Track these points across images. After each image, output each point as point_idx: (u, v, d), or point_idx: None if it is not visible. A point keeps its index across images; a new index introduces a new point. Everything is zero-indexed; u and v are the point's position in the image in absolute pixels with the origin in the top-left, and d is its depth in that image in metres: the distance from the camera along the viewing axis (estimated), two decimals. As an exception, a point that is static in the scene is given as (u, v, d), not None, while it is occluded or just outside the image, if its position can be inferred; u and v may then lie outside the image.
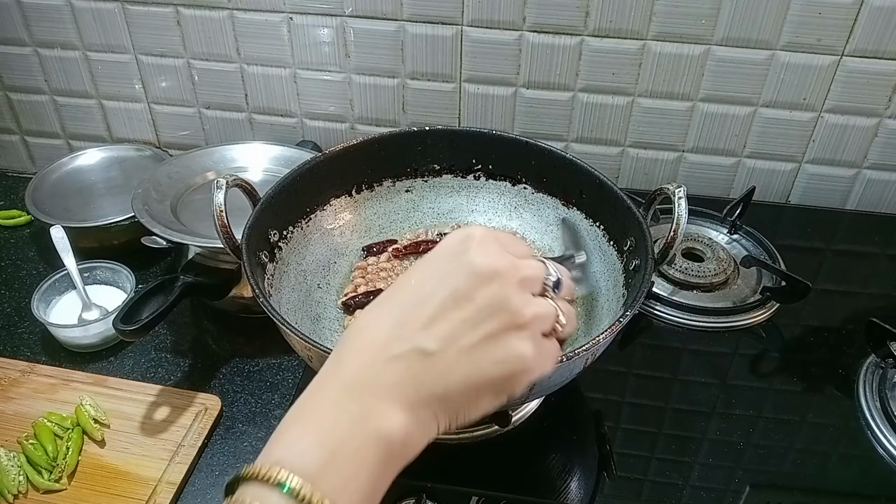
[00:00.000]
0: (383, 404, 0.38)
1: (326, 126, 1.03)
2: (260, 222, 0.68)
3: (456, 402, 0.40)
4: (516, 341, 0.41)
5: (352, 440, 0.37)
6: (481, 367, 0.40)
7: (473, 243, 0.42)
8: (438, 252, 0.43)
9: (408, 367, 0.39)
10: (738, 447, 0.69)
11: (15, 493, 0.66)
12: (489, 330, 0.40)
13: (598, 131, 0.98)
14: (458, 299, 0.40)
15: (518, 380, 0.41)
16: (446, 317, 0.40)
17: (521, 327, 0.41)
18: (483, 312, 0.40)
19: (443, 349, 0.39)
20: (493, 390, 0.41)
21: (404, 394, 0.39)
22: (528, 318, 0.41)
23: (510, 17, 0.89)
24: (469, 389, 0.40)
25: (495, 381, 0.40)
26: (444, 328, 0.40)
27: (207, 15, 0.94)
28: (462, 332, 0.40)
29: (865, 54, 0.87)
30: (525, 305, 0.41)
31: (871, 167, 0.96)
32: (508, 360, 0.40)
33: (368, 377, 0.39)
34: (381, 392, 0.38)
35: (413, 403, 0.39)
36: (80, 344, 0.80)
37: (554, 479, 0.66)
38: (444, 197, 0.82)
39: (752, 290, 0.85)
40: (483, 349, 0.40)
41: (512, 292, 0.41)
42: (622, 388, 0.76)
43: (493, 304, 0.40)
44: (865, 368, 0.75)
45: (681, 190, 0.63)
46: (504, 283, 0.41)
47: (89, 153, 1.02)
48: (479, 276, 0.40)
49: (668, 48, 0.89)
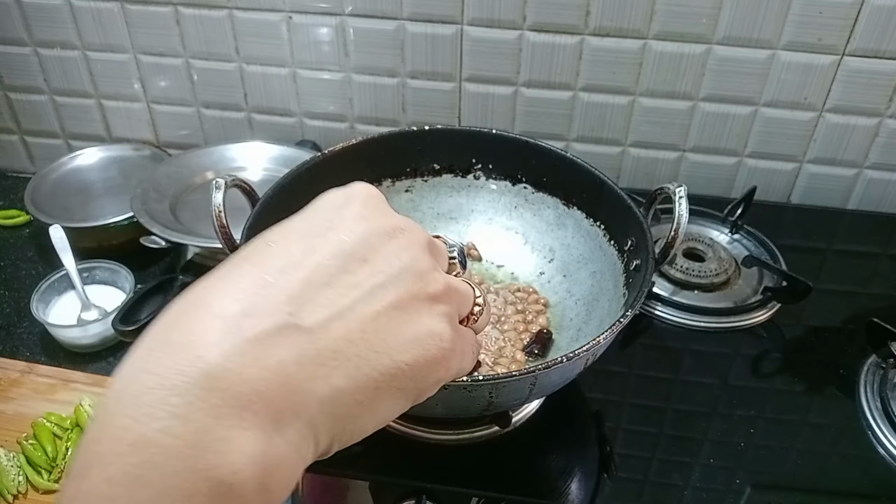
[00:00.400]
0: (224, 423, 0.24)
1: (326, 125, 1.03)
2: (259, 222, 0.68)
3: (343, 404, 0.27)
4: (429, 317, 0.30)
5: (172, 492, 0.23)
6: (382, 349, 0.28)
7: (359, 197, 0.32)
8: (312, 207, 0.32)
9: (271, 354, 0.25)
10: (738, 447, 0.69)
11: (14, 493, 0.66)
12: (392, 298, 0.29)
13: (599, 131, 0.97)
14: (347, 260, 0.29)
15: (433, 371, 0.30)
16: (330, 283, 0.28)
17: (434, 299, 0.30)
18: (383, 275, 0.29)
19: (323, 324, 0.27)
20: (397, 385, 0.28)
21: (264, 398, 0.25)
22: (441, 288, 0.31)
23: (510, 16, 0.89)
24: (363, 384, 0.27)
25: (402, 370, 0.28)
26: (327, 296, 0.27)
27: (207, 14, 0.94)
28: (353, 302, 0.28)
29: (866, 54, 0.87)
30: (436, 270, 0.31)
31: (873, 167, 0.96)
32: (420, 339, 0.29)
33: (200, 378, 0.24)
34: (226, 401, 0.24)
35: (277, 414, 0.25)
36: (80, 344, 0.80)
37: (554, 480, 0.66)
38: (444, 197, 0.82)
39: (753, 290, 0.85)
40: (384, 324, 0.28)
41: (420, 252, 0.31)
42: (623, 388, 0.76)
43: (396, 264, 0.29)
44: (866, 369, 0.75)
45: (682, 189, 0.63)
46: (409, 239, 0.31)
47: (88, 153, 1.02)
48: (375, 231, 0.30)
49: (669, 47, 0.89)
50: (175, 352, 0.25)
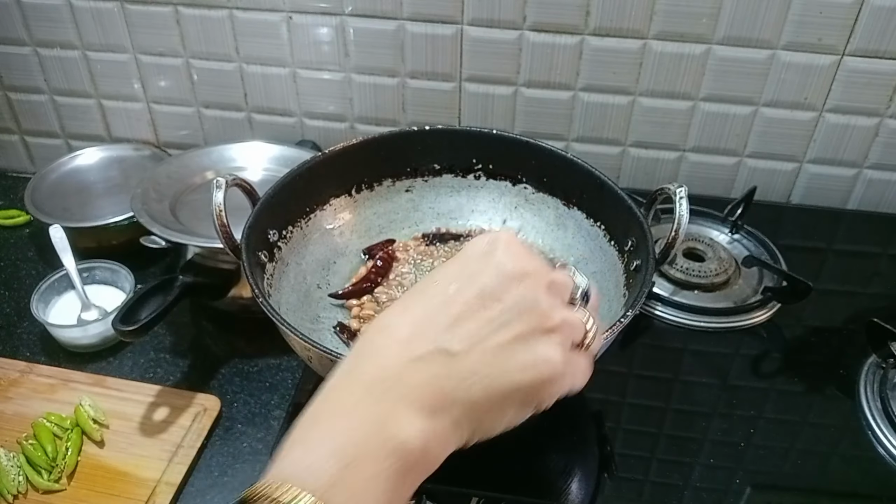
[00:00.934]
0: (402, 409, 0.36)
1: (326, 125, 1.03)
2: (259, 222, 0.68)
3: (480, 409, 0.38)
4: (545, 346, 0.39)
5: (367, 451, 0.35)
6: (507, 370, 0.38)
7: (501, 245, 0.41)
8: (465, 253, 0.42)
9: (430, 368, 0.37)
10: (739, 448, 0.69)
11: (14, 493, 0.65)
12: (517, 331, 0.38)
13: (599, 131, 0.97)
14: (485, 299, 0.39)
15: (547, 388, 0.40)
16: (472, 316, 0.38)
17: (549, 331, 0.39)
18: (511, 313, 0.38)
19: (467, 350, 0.37)
20: (519, 398, 0.39)
21: (425, 397, 0.37)
22: (556, 322, 0.39)
23: (510, 15, 0.89)
24: (494, 395, 0.38)
25: (522, 387, 0.39)
26: (470, 328, 0.38)
27: (207, 14, 0.94)
28: (488, 333, 0.38)
29: (866, 54, 0.87)
30: (554, 309, 0.40)
31: (873, 167, 0.96)
32: (536, 364, 0.38)
33: (387, 378, 0.37)
34: (401, 395, 0.36)
35: (434, 409, 0.37)
36: (80, 344, 0.80)
37: (554, 480, 0.66)
38: (444, 197, 0.82)
39: (753, 290, 0.85)
40: (510, 352, 0.38)
41: (541, 294, 0.40)
42: (623, 388, 0.76)
43: (521, 304, 0.39)
44: (866, 369, 0.75)
45: (682, 190, 0.63)
46: (533, 284, 0.40)
47: (88, 153, 1.02)
48: (508, 276, 0.39)
49: (669, 47, 0.89)
50: (368, 361, 0.38)
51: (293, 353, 0.64)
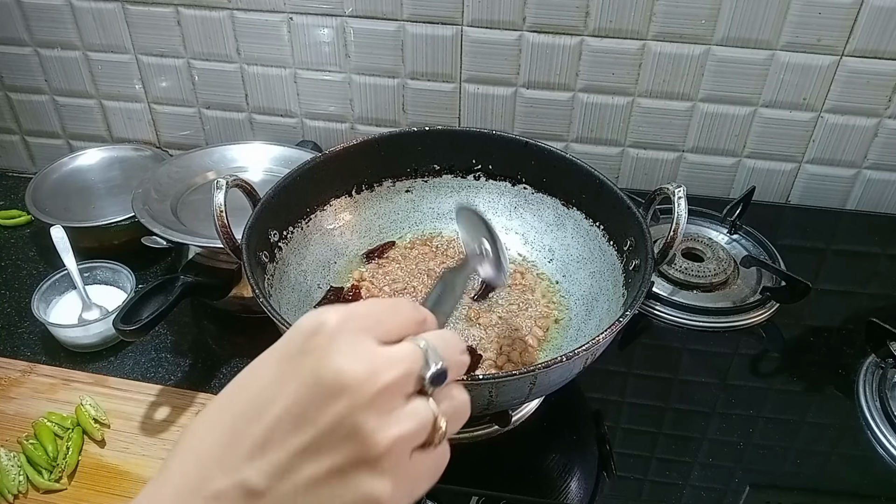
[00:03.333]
0: None
1: (326, 126, 1.03)
2: (260, 222, 0.68)
3: None
4: (368, 480, 0.31)
5: None
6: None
7: (323, 337, 0.32)
8: (284, 345, 0.34)
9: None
10: (737, 447, 0.69)
11: (15, 493, 0.66)
12: (333, 464, 0.31)
13: (598, 131, 0.98)
14: (298, 418, 0.31)
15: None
16: (281, 442, 0.31)
17: (374, 461, 0.31)
18: (326, 440, 0.31)
19: (274, 486, 0.31)
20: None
21: None
22: (382, 449, 0.31)
23: (510, 17, 0.89)
24: None
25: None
26: (277, 457, 0.31)
27: (207, 15, 0.94)
28: (299, 465, 0.31)
29: (865, 54, 0.87)
30: (380, 430, 0.31)
31: (871, 167, 0.96)
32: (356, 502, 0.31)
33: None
34: None
35: None
36: (81, 344, 0.80)
37: (554, 479, 0.66)
38: (444, 197, 0.82)
39: (751, 290, 0.85)
40: (326, 489, 0.31)
41: (363, 414, 0.31)
42: (622, 388, 0.76)
43: (338, 429, 0.31)
44: (865, 368, 0.75)
45: (681, 190, 0.63)
46: (354, 399, 0.31)
47: (89, 153, 1.02)
48: (325, 387, 0.31)
49: (668, 48, 0.89)
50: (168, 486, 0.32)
51: (294, 353, 0.64)
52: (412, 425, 0.32)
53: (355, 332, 0.32)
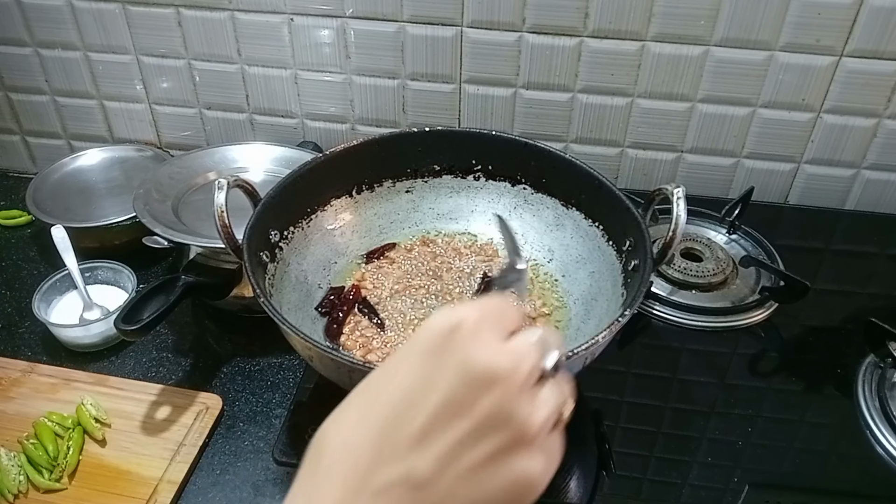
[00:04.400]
0: None
1: (327, 127, 1.03)
2: (261, 223, 0.68)
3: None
4: (525, 461, 0.33)
5: None
6: (485, 494, 0.33)
7: (465, 334, 0.34)
8: (423, 343, 0.35)
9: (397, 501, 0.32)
10: (736, 446, 0.69)
11: (15, 492, 0.66)
12: (492, 448, 0.33)
13: (598, 132, 0.98)
14: (454, 409, 0.33)
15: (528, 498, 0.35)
16: (442, 432, 0.32)
17: (529, 443, 0.34)
18: (484, 427, 0.33)
19: (438, 475, 0.32)
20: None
21: None
22: (536, 431, 0.34)
23: (510, 18, 0.89)
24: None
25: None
26: (439, 447, 0.32)
27: (208, 16, 0.95)
28: (460, 453, 0.32)
29: (864, 55, 0.87)
30: (532, 414, 0.34)
31: (870, 167, 0.96)
32: (517, 483, 0.33)
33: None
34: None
35: None
36: (82, 343, 0.80)
37: (553, 479, 0.66)
38: (444, 197, 0.82)
39: (750, 289, 0.86)
40: (486, 473, 0.33)
41: (516, 400, 0.33)
42: (621, 387, 0.76)
43: (495, 416, 0.33)
44: (864, 368, 0.76)
45: (680, 190, 0.64)
46: (506, 388, 0.33)
47: (90, 153, 1.02)
48: (477, 380, 0.33)
49: (668, 49, 0.89)
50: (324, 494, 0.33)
51: (294, 352, 0.64)
52: (552, 407, 0.35)
53: (491, 329, 0.34)
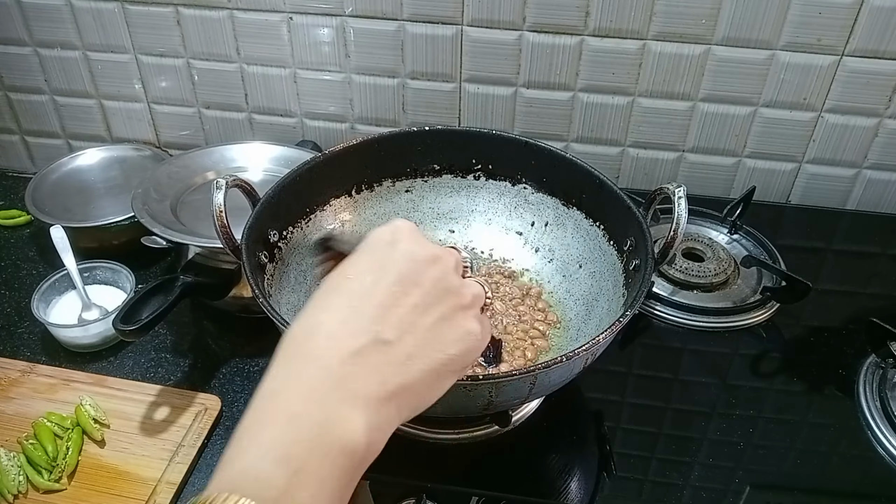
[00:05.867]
0: (347, 408, 0.36)
1: (326, 126, 1.03)
2: (259, 222, 0.68)
3: (419, 388, 0.40)
4: (465, 319, 0.42)
5: (315, 455, 0.34)
6: (441, 348, 0.40)
7: (404, 233, 0.43)
8: (370, 245, 0.43)
9: (368, 360, 0.38)
10: (738, 447, 0.69)
11: (15, 493, 0.66)
12: (441, 312, 0.41)
13: (598, 131, 0.98)
14: (406, 285, 0.40)
15: (471, 356, 0.43)
16: (398, 303, 0.40)
17: (466, 307, 0.43)
18: (432, 295, 0.41)
19: (400, 336, 0.39)
20: (451, 370, 0.41)
21: (369, 391, 0.37)
22: (470, 298, 0.43)
23: (510, 16, 0.89)
24: (431, 373, 0.40)
25: (454, 359, 0.41)
26: (398, 314, 0.39)
27: (207, 15, 0.94)
28: (416, 317, 0.40)
29: (866, 54, 0.87)
30: (464, 286, 0.43)
31: (872, 167, 0.96)
32: (463, 337, 0.42)
33: (328, 378, 0.37)
34: (345, 394, 0.36)
35: (378, 400, 0.37)
36: (80, 344, 0.80)
37: (554, 479, 0.66)
38: (444, 197, 0.82)
39: (752, 290, 0.85)
40: (439, 330, 0.41)
41: (452, 276, 0.43)
42: (622, 388, 0.76)
43: (439, 286, 0.41)
44: (866, 368, 0.75)
45: (681, 190, 0.63)
46: (444, 266, 0.42)
47: (89, 153, 1.02)
48: (421, 261, 0.42)
49: (669, 48, 0.89)
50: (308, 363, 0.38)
51: (293, 353, 0.64)
52: (479, 289, 0.45)
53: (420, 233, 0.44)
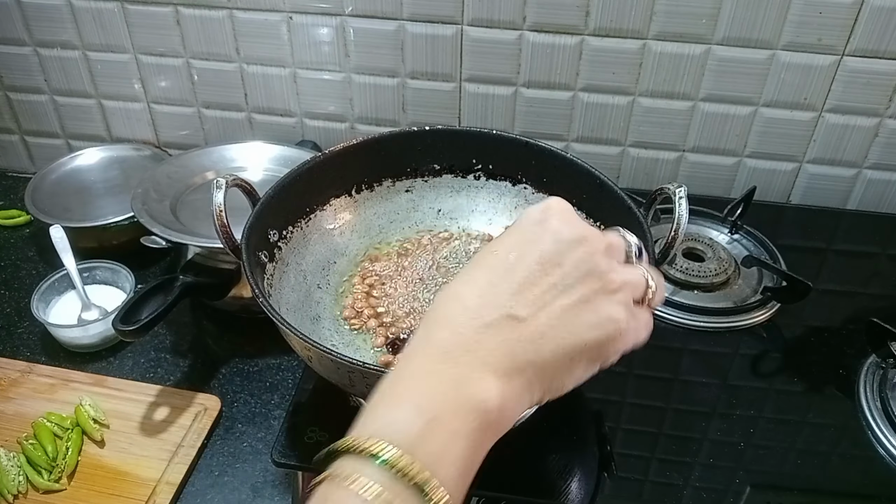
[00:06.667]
0: (478, 371, 0.37)
1: (326, 126, 1.03)
2: (259, 222, 0.68)
3: (550, 369, 0.39)
4: (608, 305, 0.41)
5: (448, 408, 0.36)
6: (574, 331, 0.39)
7: (554, 212, 0.42)
8: (520, 223, 0.43)
9: (500, 333, 0.38)
10: (738, 447, 0.69)
11: (15, 493, 0.66)
12: (580, 294, 0.40)
13: (599, 131, 0.98)
14: (546, 265, 0.40)
15: (612, 345, 0.41)
16: (536, 282, 0.40)
17: (612, 292, 0.41)
18: (572, 277, 0.40)
19: (534, 314, 0.39)
20: (587, 356, 0.40)
21: (499, 361, 0.38)
22: (618, 283, 0.41)
23: (510, 16, 0.89)
24: (563, 356, 0.39)
25: (590, 345, 0.40)
26: (534, 293, 0.39)
27: (207, 14, 0.94)
28: (553, 297, 0.40)
29: (866, 54, 0.87)
30: (613, 270, 0.41)
31: (872, 167, 0.96)
32: (602, 323, 0.40)
33: (461, 344, 0.38)
34: (475, 359, 0.38)
35: (508, 371, 0.38)
36: (80, 344, 0.80)
37: (554, 480, 0.66)
38: (444, 197, 0.82)
39: (752, 290, 0.85)
40: (575, 313, 0.40)
41: (599, 257, 0.41)
42: (623, 388, 0.76)
43: (581, 268, 0.40)
44: (866, 368, 0.75)
45: (681, 190, 0.63)
46: (591, 248, 0.41)
47: (89, 153, 1.02)
48: (566, 241, 0.41)
49: (669, 48, 0.89)
50: (443, 328, 0.39)
51: (293, 353, 0.64)
52: (633, 276, 0.43)
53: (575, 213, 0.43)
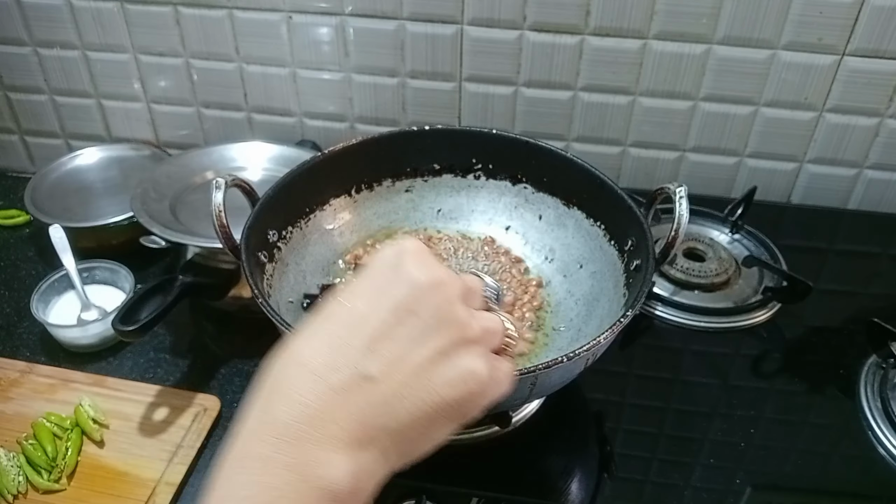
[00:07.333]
0: (326, 448, 0.33)
1: (326, 125, 1.03)
2: (259, 222, 0.68)
3: (406, 433, 0.36)
4: (468, 358, 0.37)
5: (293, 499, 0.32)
6: (433, 389, 0.35)
7: (409, 255, 0.38)
8: (371, 267, 0.39)
9: (350, 399, 0.34)
10: (739, 448, 0.69)
11: (14, 493, 0.66)
12: (437, 346, 0.36)
13: (599, 131, 0.97)
14: (400, 313, 0.36)
15: (473, 402, 0.37)
16: (389, 334, 0.35)
17: (471, 342, 0.37)
18: (429, 326, 0.36)
19: (387, 373, 0.35)
20: (446, 416, 0.36)
21: (349, 432, 0.34)
22: (477, 332, 0.37)
23: (511, 15, 0.89)
24: (420, 418, 0.35)
25: (449, 404, 0.36)
26: (388, 347, 0.35)
27: (206, 14, 0.94)
28: (407, 351, 0.35)
29: (867, 54, 0.87)
30: (472, 317, 0.38)
31: (873, 167, 0.96)
32: (462, 378, 0.36)
33: (304, 418, 0.34)
34: (321, 435, 0.33)
35: (359, 441, 0.34)
36: (80, 344, 0.80)
37: (554, 480, 0.66)
38: (444, 197, 0.82)
39: (753, 290, 0.85)
40: (433, 369, 0.36)
41: (457, 304, 0.37)
42: (623, 388, 0.76)
43: (438, 316, 0.36)
44: (867, 369, 0.75)
45: (682, 189, 0.63)
46: (448, 293, 0.37)
47: (88, 153, 1.02)
48: (421, 287, 0.36)
49: (670, 47, 0.89)
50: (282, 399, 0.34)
51: (293, 354, 0.64)
52: (492, 324, 0.39)
53: (431, 255, 0.39)
